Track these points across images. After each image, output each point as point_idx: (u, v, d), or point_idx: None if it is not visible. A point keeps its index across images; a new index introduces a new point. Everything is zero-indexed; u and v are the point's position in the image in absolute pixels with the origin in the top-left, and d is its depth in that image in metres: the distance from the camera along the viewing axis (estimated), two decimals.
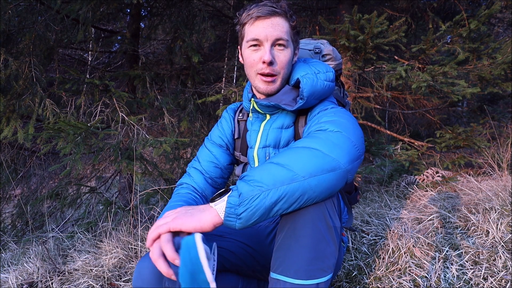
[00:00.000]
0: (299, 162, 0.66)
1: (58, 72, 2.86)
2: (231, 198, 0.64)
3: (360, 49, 2.65)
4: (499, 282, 1.12)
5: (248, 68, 0.92)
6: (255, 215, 0.64)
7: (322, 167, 0.66)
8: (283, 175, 0.64)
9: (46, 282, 1.49)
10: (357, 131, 0.76)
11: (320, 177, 0.65)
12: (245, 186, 0.64)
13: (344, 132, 0.73)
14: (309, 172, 0.65)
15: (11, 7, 2.37)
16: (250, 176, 0.66)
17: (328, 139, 0.71)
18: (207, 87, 3.29)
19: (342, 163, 0.67)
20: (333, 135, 0.72)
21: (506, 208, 1.61)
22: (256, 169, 0.68)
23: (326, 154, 0.67)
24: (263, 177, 0.65)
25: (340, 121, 0.77)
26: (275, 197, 0.63)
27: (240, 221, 0.64)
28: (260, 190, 0.63)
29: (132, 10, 3.08)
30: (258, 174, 0.66)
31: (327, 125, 0.76)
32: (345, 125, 0.76)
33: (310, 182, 0.64)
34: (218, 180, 1.06)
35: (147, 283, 0.79)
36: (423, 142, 3.10)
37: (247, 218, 0.64)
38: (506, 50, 2.55)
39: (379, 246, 1.48)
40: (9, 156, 2.72)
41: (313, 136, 0.73)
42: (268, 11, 0.85)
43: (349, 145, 0.71)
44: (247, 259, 0.95)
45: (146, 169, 2.37)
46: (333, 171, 0.66)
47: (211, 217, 0.65)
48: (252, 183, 0.64)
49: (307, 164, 0.65)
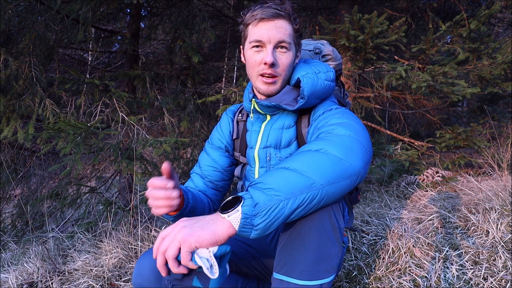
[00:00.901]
0: (317, 168, 0.64)
1: (58, 72, 2.86)
2: (246, 208, 0.60)
3: (360, 49, 2.65)
4: (499, 282, 1.12)
5: (250, 68, 0.92)
6: (273, 225, 0.61)
7: (341, 174, 0.64)
8: (301, 183, 0.62)
9: (46, 282, 1.49)
10: (366, 134, 0.75)
11: (338, 184, 0.64)
12: (261, 196, 0.61)
13: (356, 136, 0.71)
14: (328, 180, 0.63)
15: (11, 7, 2.37)
16: (265, 184, 0.62)
17: (343, 143, 0.69)
18: (207, 87, 3.29)
19: (358, 168, 0.66)
20: (347, 139, 0.70)
21: (506, 208, 1.61)
22: (270, 176, 0.64)
23: (343, 160, 0.65)
24: (280, 186, 0.61)
25: (350, 124, 0.76)
26: (294, 206, 0.61)
27: (257, 232, 0.61)
28: (278, 200, 0.60)
29: (132, 10, 3.08)
30: (274, 182, 0.62)
31: (338, 128, 0.75)
32: (356, 128, 0.75)
33: (329, 189, 0.63)
34: (219, 183, 1.07)
35: (147, 280, 0.79)
36: (423, 142, 3.10)
37: (265, 229, 0.61)
38: (506, 50, 2.55)
39: (379, 246, 1.48)
40: (9, 156, 2.72)
41: (326, 140, 0.71)
42: (272, 13, 0.86)
43: (361, 149, 0.69)
44: (247, 258, 0.95)
45: (146, 169, 2.37)
46: (349, 178, 0.65)
47: (225, 228, 0.60)
48: (268, 191, 0.61)
49: (326, 171, 0.63)
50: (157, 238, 0.64)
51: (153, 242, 1.75)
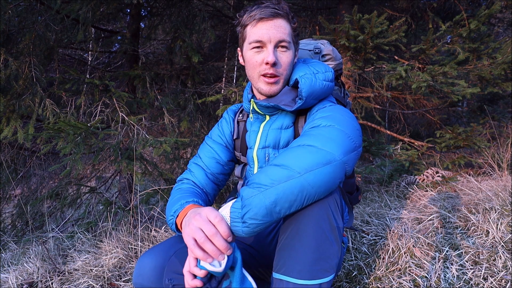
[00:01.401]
0: (294, 159, 0.67)
1: (58, 72, 2.86)
2: (235, 203, 0.67)
3: (360, 49, 2.65)
4: (499, 282, 1.12)
5: (251, 69, 0.91)
6: (257, 215, 0.64)
7: (317, 161, 0.67)
8: (279, 173, 0.66)
9: (46, 282, 1.49)
10: (351, 124, 0.77)
11: (316, 171, 0.66)
12: (246, 189, 0.67)
13: (336, 126, 0.75)
14: (304, 168, 0.65)
15: (11, 7, 2.37)
16: (251, 181, 0.69)
17: (321, 134, 0.73)
18: (207, 87, 3.29)
19: (337, 155, 0.68)
20: (325, 129, 0.74)
21: (506, 208, 1.61)
22: (257, 173, 0.70)
23: (320, 149, 0.69)
24: (261, 179, 0.67)
25: (333, 115, 0.79)
26: (274, 196, 0.64)
27: (245, 224, 0.64)
28: (259, 190, 0.65)
29: (132, 10, 3.07)
30: (257, 177, 0.68)
31: (319, 121, 0.78)
32: (338, 118, 0.77)
33: (307, 177, 0.65)
34: (220, 176, 1.05)
35: (148, 280, 0.79)
36: (423, 142, 3.09)
37: (250, 220, 0.64)
38: (506, 50, 2.55)
39: (379, 246, 1.48)
40: (9, 156, 2.72)
41: (307, 134, 0.75)
42: (271, 12, 0.85)
43: (342, 137, 0.72)
44: (247, 258, 0.95)
45: (146, 169, 2.37)
46: (329, 164, 0.67)
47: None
48: (252, 185, 0.67)
49: (302, 160, 0.67)
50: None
51: (153, 242, 1.75)
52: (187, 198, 0.86)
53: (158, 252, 0.82)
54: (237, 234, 0.66)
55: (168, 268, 0.78)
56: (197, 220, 0.66)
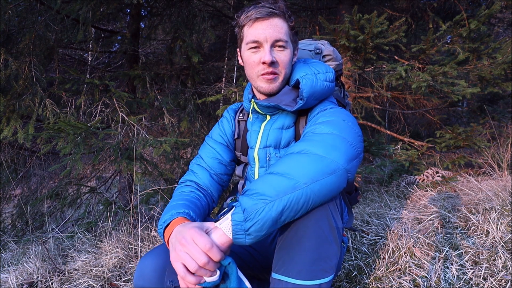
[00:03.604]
0: (299, 169, 0.66)
1: (58, 72, 2.86)
2: (236, 215, 0.64)
3: (360, 49, 2.65)
4: (499, 282, 1.12)
5: (249, 69, 0.92)
6: (263, 228, 0.63)
7: (322, 170, 0.66)
8: (284, 184, 0.64)
9: (46, 282, 1.49)
10: (353, 130, 0.76)
11: (322, 181, 0.65)
12: (249, 201, 0.64)
13: (339, 133, 0.73)
14: (310, 178, 0.65)
15: (11, 7, 2.37)
16: (252, 190, 0.66)
17: (324, 141, 0.71)
18: (207, 87, 3.29)
19: (341, 163, 0.68)
20: (328, 137, 0.73)
21: (506, 208, 1.61)
22: (256, 181, 0.67)
23: (324, 157, 0.67)
24: (265, 189, 0.64)
25: (335, 121, 0.78)
26: (280, 208, 0.63)
27: (250, 237, 0.63)
28: (264, 202, 0.63)
29: (132, 10, 3.07)
30: (259, 187, 0.65)
31: (321, 126, 0.77)
32: (340, 125, 0.76)
33: (313, 187, 0.64)
34: (223, 177, 1.04)
35: (149, 281, 0.79)
36: (423, 142, 3.09)
37: (257, 233, 0.63)
38: (506, 50, 2.55)
39: (379, 246, 1.48)
40: (9, 156, 2.72)
41: (308, 140, 0.73)
42: (266, 12, 0.85)
43: (345, 145, 0.71)
44: (247, 258, 0.95)
45: (146, 169, 2.37)
46: (333, 173, 0.67)
47: (217, 237, 0.65)
48: (255, 196, 0.64)
49: (307, 170, 0.65)
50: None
51: (153, 242, 1.75)
52: (179, 209, 0.82)
53: (159, 254, 0.82)
54: (239, 244, 0.65)
55: (169, 270, 0.77)
56: (184, 246, 0.64)
